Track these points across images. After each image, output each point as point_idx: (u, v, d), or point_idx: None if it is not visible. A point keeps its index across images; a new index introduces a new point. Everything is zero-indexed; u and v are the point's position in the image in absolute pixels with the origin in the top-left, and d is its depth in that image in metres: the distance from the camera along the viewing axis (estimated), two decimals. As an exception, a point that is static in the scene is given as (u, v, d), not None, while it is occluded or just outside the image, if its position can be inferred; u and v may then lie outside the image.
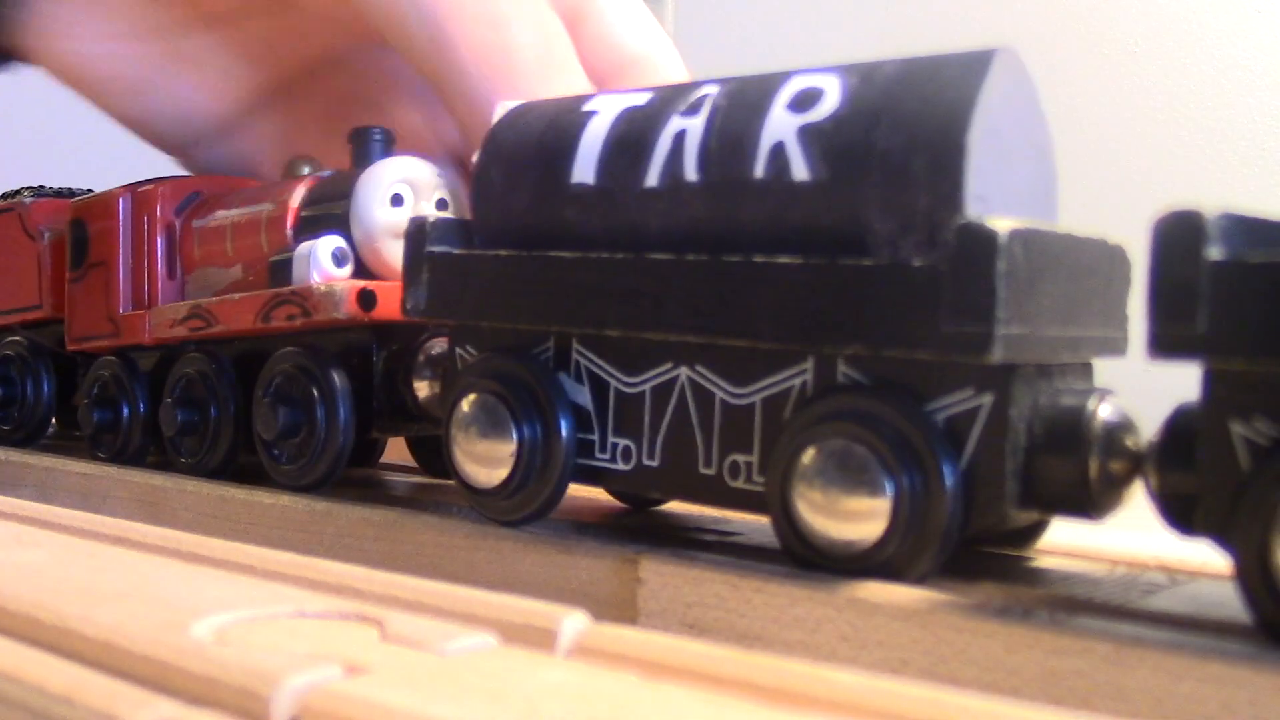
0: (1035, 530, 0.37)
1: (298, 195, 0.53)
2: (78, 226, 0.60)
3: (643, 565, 0.37)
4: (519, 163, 0.41)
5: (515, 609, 0.29)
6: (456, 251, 0.42)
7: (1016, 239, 0.31)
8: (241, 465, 0.54)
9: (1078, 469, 0.32)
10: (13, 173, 0.71)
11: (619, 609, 0.37)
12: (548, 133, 0.41)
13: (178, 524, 0.50)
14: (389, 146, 0.54)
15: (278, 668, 0.25)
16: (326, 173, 0.55)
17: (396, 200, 0.50)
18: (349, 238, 0.50)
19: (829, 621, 0.33)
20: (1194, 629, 0.30)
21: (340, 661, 0.26)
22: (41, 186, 0.68)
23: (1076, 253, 0.34)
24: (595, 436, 0.40)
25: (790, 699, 0.24)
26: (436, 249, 0.42)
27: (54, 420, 0.68)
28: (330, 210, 0.52)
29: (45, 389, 0.65)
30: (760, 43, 0.97)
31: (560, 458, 0.39)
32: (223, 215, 0.56)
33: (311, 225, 0.52)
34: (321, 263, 0.49)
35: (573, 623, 0.28)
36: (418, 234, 0.43)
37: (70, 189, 0.68)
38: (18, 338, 0.66)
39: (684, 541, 0.40)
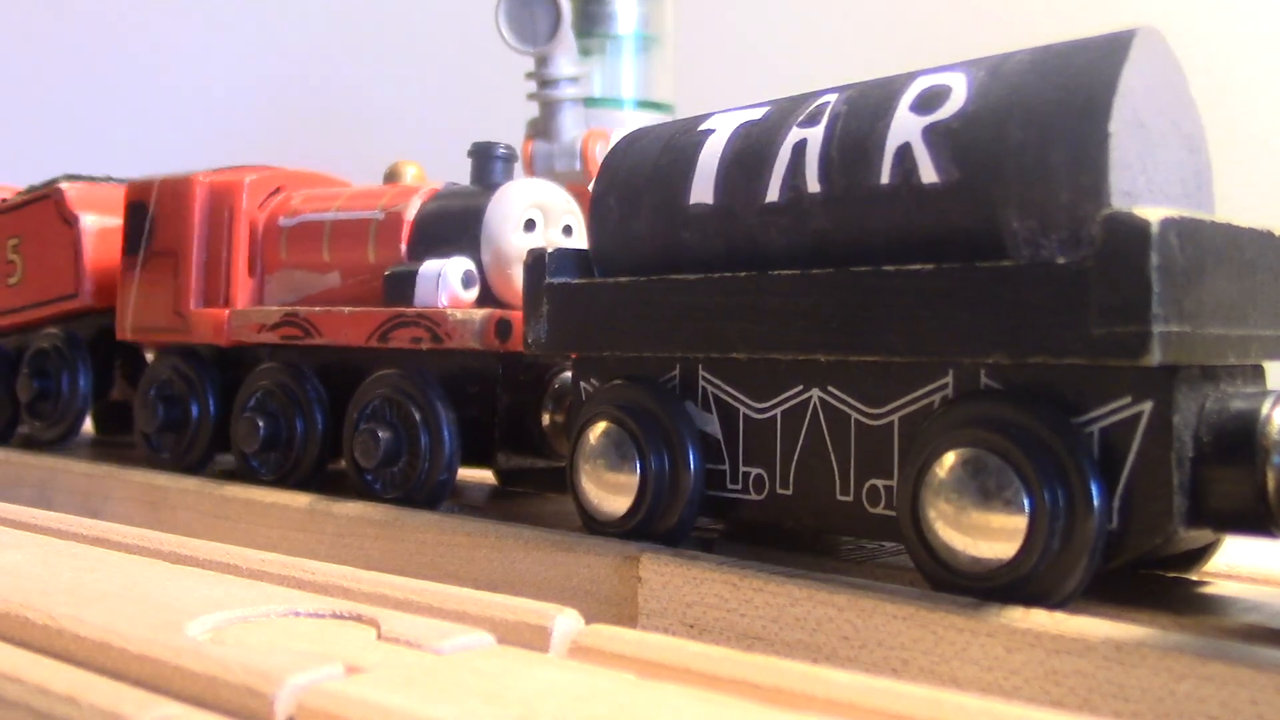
0: (1205, 552, 0.34)
1: (413, 206, 0.51)
2: (138, 210, 0.57)
3: (643, 565, 0.36)
4: (635, 188, 0.40)
5: (508, 607, 0.29)
6: (576, 281, 0.41)
7: (1170, 229, 0.28)
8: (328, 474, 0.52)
9: (1253, 481, 0.29)
10: (49, 166, 0.70)
11: (620, 608, 0.37)
12: (664, 155, 0.40)
13: (178, 523, 0.50)
14: (510, 164, 0.52)
15: (279, 667, 0.25)
16: (441, 185, 0.53)
17: (529, 225, 0.49)
18: (476, 260, 0.49)
19: (829, 621, 0.32)
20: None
21: (340, 661, 0.26)
22: (78, 175, 0.66)
23: (1240, 245, 0.31)
24: (725, 466, 0.38)
25: (789, 699, 0.24)
26: (556, 280, 0.41)
27: (89, 422, 0.66)
28: (455, 229, 0.50)
29: (81, 384, 0.62)
30: (763, 41, 0.95)
31: (687, 489, 0.38)
32: (317, 216, 0.54)
33: (432, 242, 0.50)
34: (451, 285, 0.47)
35: (565, 621, 0.29)
36: (536, 265, 0.42)
37: (109, 176, 0.66)
38: (54, 330, 0.64)
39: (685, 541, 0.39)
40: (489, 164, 0.51)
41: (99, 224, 0.62)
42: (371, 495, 0.48)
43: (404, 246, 0.51)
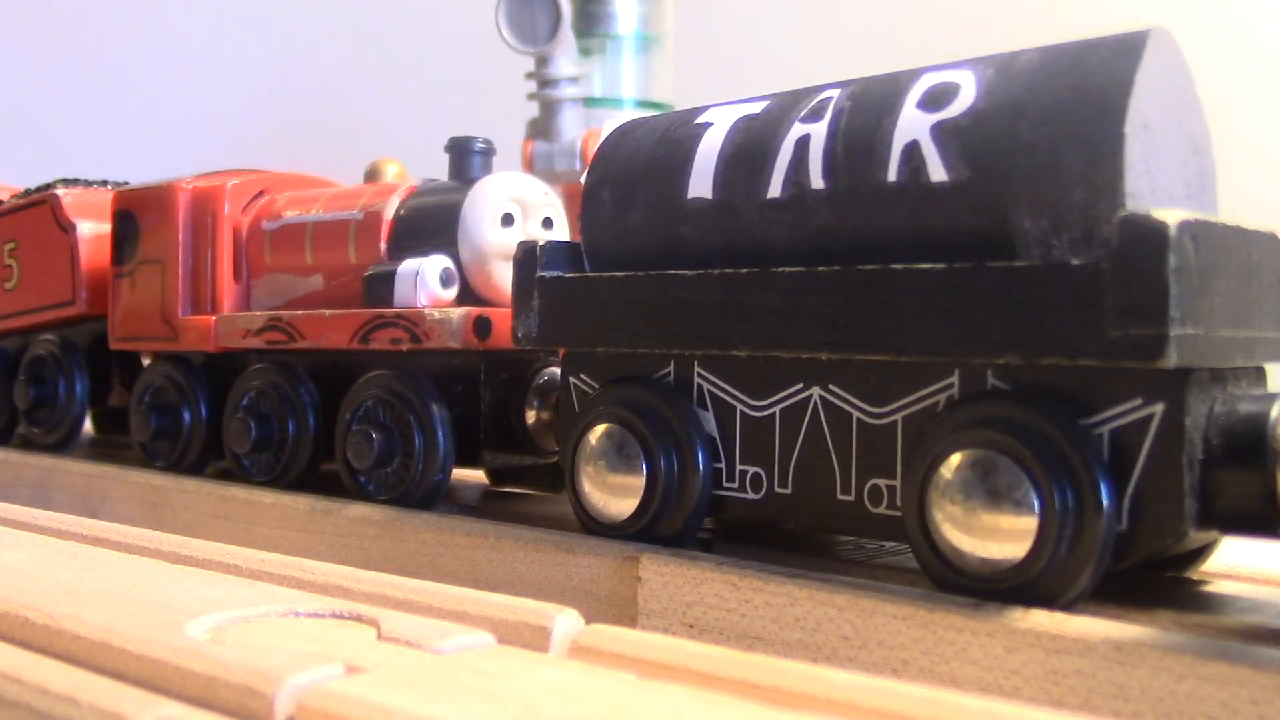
0: (1203, 552, 0.34)
1: (391, 205, 0.51)
2: (126, 219, 0.57)
3: (643, 564, 0.36)
4: (630, 181, 0.40)
5: (508, 607, 0.29)
6: (570, 275, 0.40)
7: (1187, 231, 0.28)
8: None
9: (1263, 483, 0.29)
10: (45, 166, 0.70)
11: (620, 608, 0.36)
12: (659, 148, 0.39)
13: (178, 523, 0.50)
14: (489, 158, 0.51)
15: (279, 667, 0.25)
16: (419, 181, 0.52)
17: (507, 220, 0.48)
18: (455, 257, 0.48)
19: (829, 621, 0.32)
20: None
21: (340, 661, 0.26)
22: (75, 178, 0.66)
23: (1246, 247, 0.31)
24: (722, 465, 0.38)
25: (789, 699, 0.24)
26: (547, 274, 0.41)
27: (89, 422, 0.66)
28: (433, 226, 0.49)
29: (78, 390, 0.62)
30: (763, 41, 0.95)
31: (695, 493, 0.37)
32: (298, 218, 0.53)
33: (411, 240, 0.49)
34: (429, 284, 0.47)
35: (565, 621, 0.29)
36: (527, 259, 0.41)
37: (105, 180, 0.66)
38: (50, 336, 0.63)
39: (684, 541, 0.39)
40: (466, 159, 0.51)
41: (94, 231, 0.62)
42: (366, 497, 0.47)
43: (384, 246, 0.50)
